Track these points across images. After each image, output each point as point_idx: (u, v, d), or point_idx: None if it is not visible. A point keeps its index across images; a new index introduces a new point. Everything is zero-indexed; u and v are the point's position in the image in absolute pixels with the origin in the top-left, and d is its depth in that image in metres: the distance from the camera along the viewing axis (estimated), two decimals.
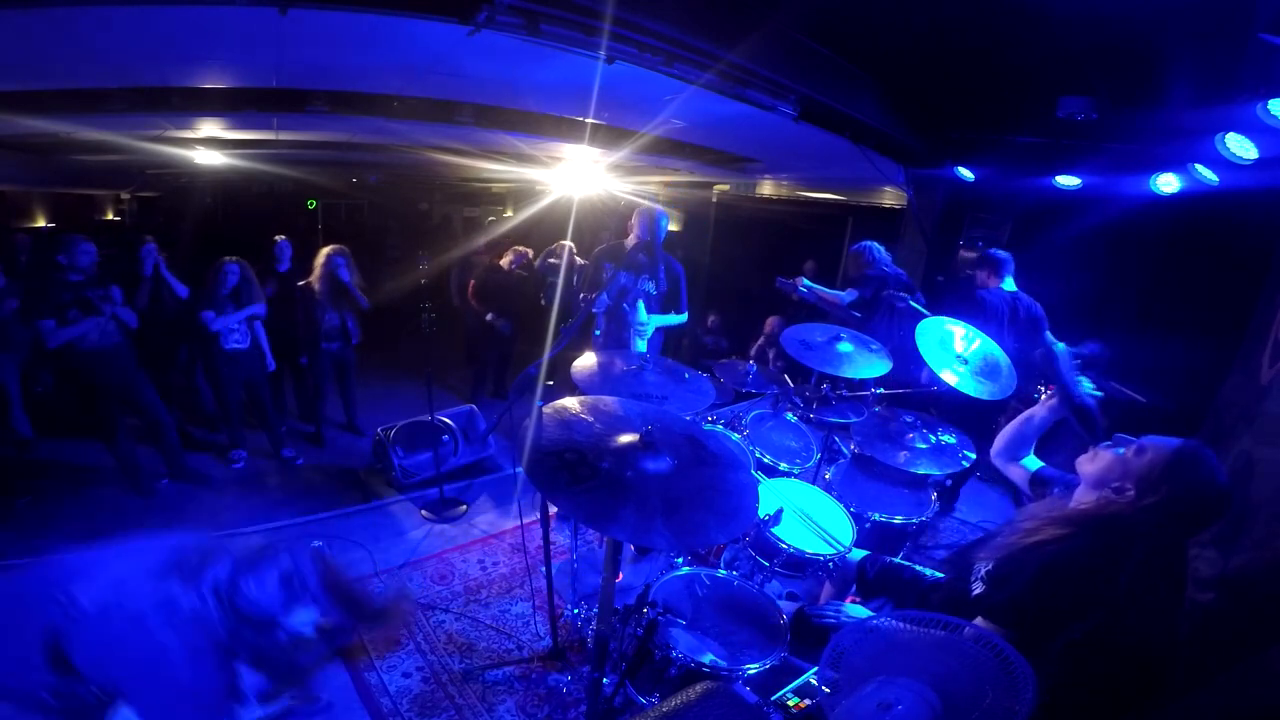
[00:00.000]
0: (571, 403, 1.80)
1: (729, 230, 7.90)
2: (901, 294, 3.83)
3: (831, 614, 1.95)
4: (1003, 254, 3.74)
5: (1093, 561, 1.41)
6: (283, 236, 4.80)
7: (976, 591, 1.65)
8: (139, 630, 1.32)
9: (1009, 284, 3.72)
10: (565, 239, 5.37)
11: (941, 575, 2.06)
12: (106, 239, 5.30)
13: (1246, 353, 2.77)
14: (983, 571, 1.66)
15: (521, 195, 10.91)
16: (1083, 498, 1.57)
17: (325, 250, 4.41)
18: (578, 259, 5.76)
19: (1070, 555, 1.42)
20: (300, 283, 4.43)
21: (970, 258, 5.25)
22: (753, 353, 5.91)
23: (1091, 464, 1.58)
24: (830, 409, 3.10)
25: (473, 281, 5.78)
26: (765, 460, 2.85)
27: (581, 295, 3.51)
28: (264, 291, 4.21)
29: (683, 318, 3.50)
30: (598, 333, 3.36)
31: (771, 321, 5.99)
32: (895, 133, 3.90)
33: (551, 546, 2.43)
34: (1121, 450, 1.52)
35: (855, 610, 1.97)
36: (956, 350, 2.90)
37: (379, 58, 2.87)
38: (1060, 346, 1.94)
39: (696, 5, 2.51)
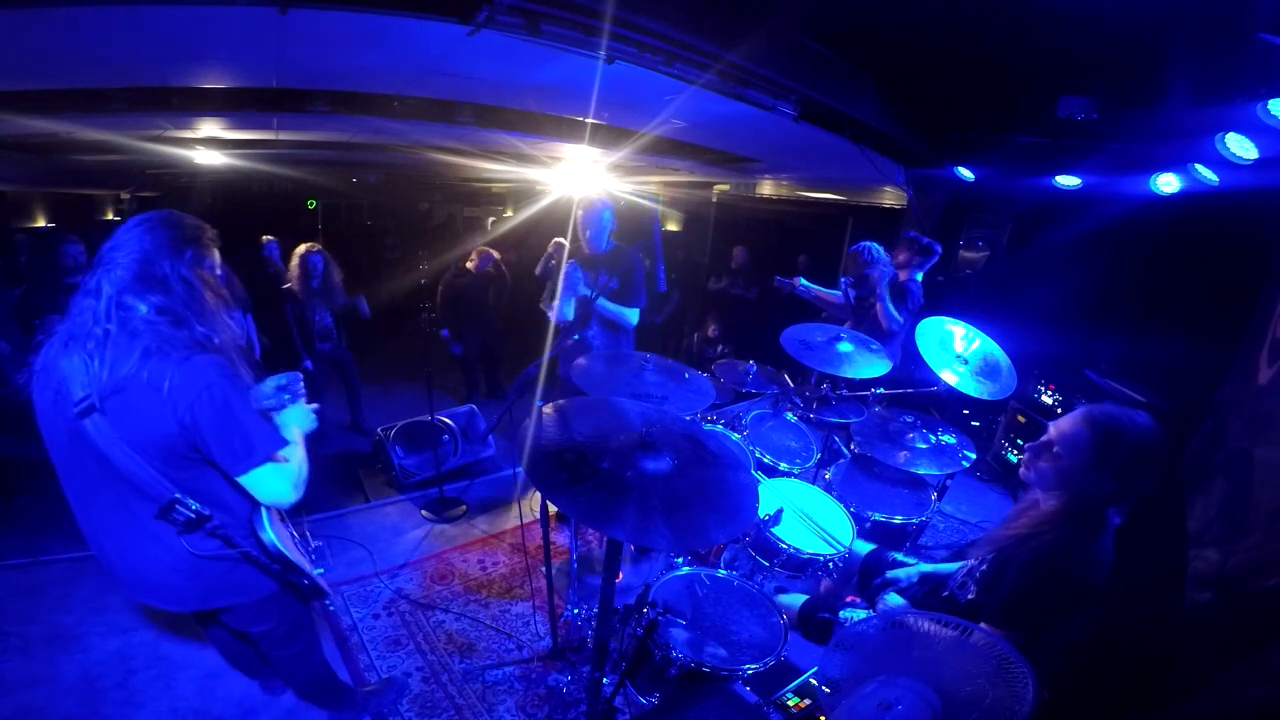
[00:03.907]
0: (571, 403, 1.81)
1: (729, 230, 7.88)
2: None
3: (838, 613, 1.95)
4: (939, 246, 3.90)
5: (1077, 549, 1.44)
6: (270, 237, 4.76)
7: (969, 596, 1.66)
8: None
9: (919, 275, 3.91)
10: (565, 239, 5.35)
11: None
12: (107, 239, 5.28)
13: (1245, 352, 2.77)
14: (976, 572, 1.69)
15: (521, 195, 10.90)
16: (1047, 500, 1.58)
17: (299, 250, 4.37)
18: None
19: (1055, 546, 1.46)
20: (284, 286, 4.42)
21: (970, 257, 5.26)
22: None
23: (1032, 476, 1.60)
24: (830, 409, 3.10)
25: (440, 287, 5.59)
26: (765, 460, 2.86)
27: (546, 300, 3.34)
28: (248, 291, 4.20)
29: (634, 313, 3.19)
30: (577, 338, 3.02)
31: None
32: (895, 133, 3.89)
33: (551, 546, 2.43)
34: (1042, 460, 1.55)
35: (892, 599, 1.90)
36: (956, 350, 2.91)
37: (379, 58, 2.87)
38: None
39: (696, 5, 2.50)
